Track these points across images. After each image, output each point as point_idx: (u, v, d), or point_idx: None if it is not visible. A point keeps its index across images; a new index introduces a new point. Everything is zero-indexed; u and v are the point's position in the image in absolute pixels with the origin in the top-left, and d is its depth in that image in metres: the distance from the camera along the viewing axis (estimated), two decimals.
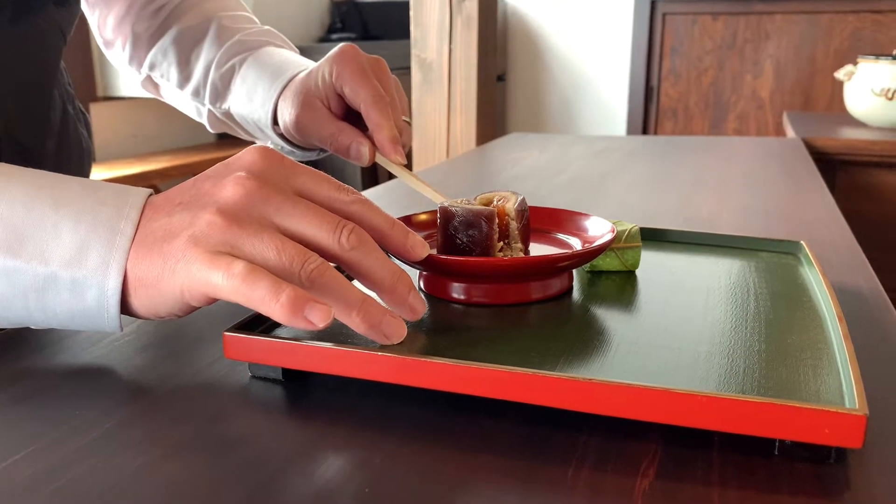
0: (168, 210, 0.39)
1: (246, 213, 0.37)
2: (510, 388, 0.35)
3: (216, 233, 0.37)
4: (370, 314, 0.38)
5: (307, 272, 0.36)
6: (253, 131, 0.70)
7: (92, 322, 0.40)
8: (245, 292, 0.35)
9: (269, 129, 0.66)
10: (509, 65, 3.51)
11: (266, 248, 0.36)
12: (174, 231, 0.37)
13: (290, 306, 0.34)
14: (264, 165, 0.39)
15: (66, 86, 0.69)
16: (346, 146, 0.58)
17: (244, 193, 0.37)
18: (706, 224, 0.79)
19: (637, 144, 1.48)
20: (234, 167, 0.39)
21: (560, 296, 0.48)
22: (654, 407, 0.33)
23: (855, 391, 0.33)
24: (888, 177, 1.65)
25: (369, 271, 0.39)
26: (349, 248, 0.38)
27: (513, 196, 0.50)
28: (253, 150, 0.40)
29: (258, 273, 0.35)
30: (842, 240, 0.73)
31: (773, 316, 0.44)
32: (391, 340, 0.39)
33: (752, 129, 3.09)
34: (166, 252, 0.37)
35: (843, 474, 0.32)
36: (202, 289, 0.36)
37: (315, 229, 0.38)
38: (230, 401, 0.39)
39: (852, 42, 2.87)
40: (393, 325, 0.39)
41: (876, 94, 1.75)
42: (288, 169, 0.40)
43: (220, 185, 0.38)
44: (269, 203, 0.38)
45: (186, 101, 0.73)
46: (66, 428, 0.36)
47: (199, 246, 0.36)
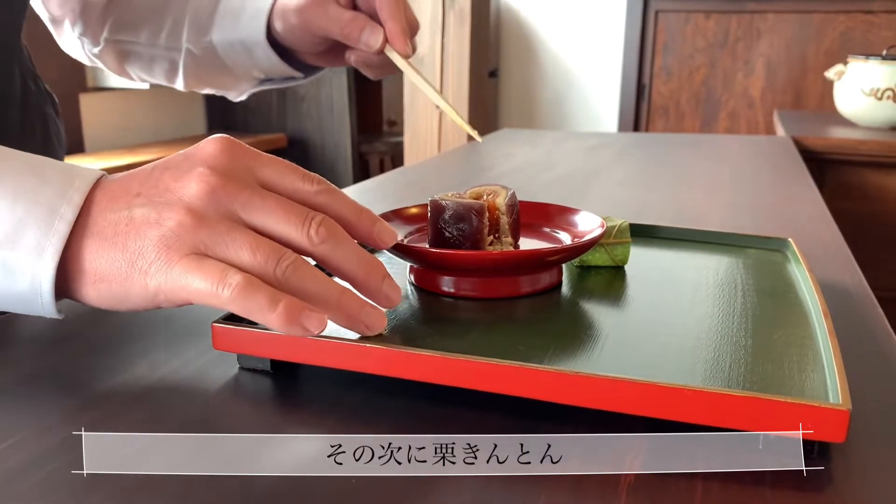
0: (127, 201, 0.37)
1: (213, 210, 0.36)
2: (496, 381, 0.35)
3: (187, 234, 0.36)
4: (349, 307, 0.38)
5: (282, 270, 0.36)
6: (238, 59, 0.67)
7: (26, 306, 0.39)
8: (242, 303, 0.35)
9: (259, 47, 0.64)
10: (502, 60, 3.51)
11: (240, 247, 0.36)
12: (139, 228, 0.37)
13: (287, 315, 0.35)
14: (226, 158, 0.38)
15: (26, 62, 0.67)
16: (357, 32, 0.57)
17: (209, 190, 0.36)
18: (695, 221, 0.79)
19: (628, 141, 1.48)
20: (194, 160, 0.38)
21: (549, 290, 0.48)
22: (640, 400, 0.33)
23: (839, 386, 0.33)
24: (876, 176, 1.66)
25: (341, 264, 0.38)
26: (319, 241, 0.37)
27: (503, 190, 0.50)
28: (213, 140, 0.39)
29: (255, 285, 0.35)
30: (829, 237, 0.73)
31: (759, 312, 0.45)
32: (372, 331, 0.38)
33: (743, 128, 3.10)
34: (133, 250, 0.36)
35: (825, 469, 0.32)
36: (185, 295, 0.36)
37: (284, 224, 0.37)
38: (218, 392, 0.39)
39: (843, 42, 2.88)
40: (372, 315, 0.38)
41: (865, 94, 1.76)
42: (250, 160, 0.39)
43: (184, 181, 0.37)
44: (236, 200, 0.37)
45: (158, 55, 0.70)
46: (52, 418, 0.36)
47: (173, 249, 0.36)
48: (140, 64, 0.72)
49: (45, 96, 0.70)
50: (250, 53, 0.66)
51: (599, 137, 1.53)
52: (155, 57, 0.71)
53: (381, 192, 1.01)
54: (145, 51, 0.70)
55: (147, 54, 0.71)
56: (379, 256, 0.55)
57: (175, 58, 0.70)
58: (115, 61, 0.72)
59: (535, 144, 1.42)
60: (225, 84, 0.72)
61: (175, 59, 0.70)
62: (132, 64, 0.73)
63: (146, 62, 0.72)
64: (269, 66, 0.66)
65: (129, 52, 0.71)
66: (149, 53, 0.71)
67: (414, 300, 0.47)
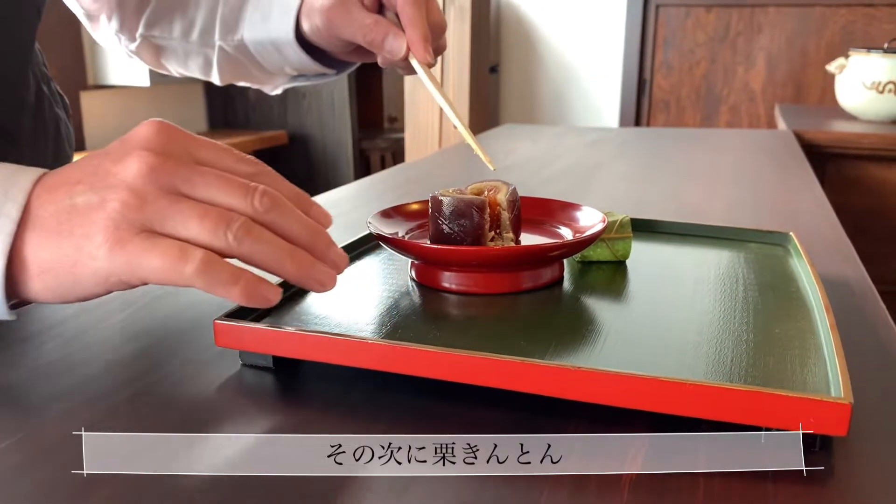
0: (67, 190, 0.37)
1: (155, 188, 0.36)
2: (499, 376, 0.35)
3: (133, 213, 0.36)
4: (301, 263, 0.38)
5: (234, 231, 0.36)
6: (269, 57, 0.68)
7: None
8: (205, 279, 0.35)
9: (290, 46, 0.64)
10: (502, 56, 3.51)
11: (187, 218, 0.36)
12: (83, 213, 0.36)
13: (249, 288, 0.36)
14: (163, 139, 0.38)
15: (40, 66, 0.68)
16: (381, 39, 0.57)
17: (149, 169, 0.36)
18: (696, 215, 0.79)
19: (629, 136, 1.48)
20: (131, 143, 0.38)
21: (550, 285, 0.48)
22: (642, 395, 0.33)
23: (840, 380, 0.33)
24: (877, 170, 1.65)
25: (287, 231, 0.39)
26: (263, 210, 0.38)
27: (504, 186, 0.50)
28: (149, 123, 0.39)
29: (216, 260, 0.36)
30: (830, 231, 0.73)
31: (761, 306, 0.45)
32: (325, 287, 0.39)
33: (744, 122, 3.10)
34: (80, 235, 0.36)
35: (827, 462, 0.32)
36: (141, 275, 0.36)
37: (227, 196, 0.37)
38: (220, 389, 0.39)
39: (844, 35, 2.88)
40: (324, 271, 0.39)
41: (867, 88, 1.75)
42: (187, 141, 0.39)
43: (123, 164, 0.37)
44: (177, 175, 0.37)
45: (193, 51, 0.70)
46: (54, 415, 0.36)
47: (121, 230, 0.36)
48: (176, 59, 0.73)
49: (57, 98, 0.70)
50: (280, 52, 0.66)
51: (600, 132, 1.53)
52: (189, 53, 0.71)
53: (381, 188, 1.01)
54: (180, 47, 0.71)
55: (182, 50, 0.71)
56: (382, 254, 0.55)
57: (209, 54, 0.70)
58: (151, 56, 0.73)
59: (536, 140, 1.42)
60: (259, 79, 0.73)
61: (209, 56, 0.71)
62: (168, 59, 0.73)
63: (181, 58, 0.72)
64: (300, 63, 0.67)
65: (165, 47, 0.72)
66: (183, 49, 0.71)
67: (415, 296, 0.47)
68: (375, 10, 0.59)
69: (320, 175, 3.31)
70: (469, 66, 2.18)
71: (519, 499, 0.30)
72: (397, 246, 0.48)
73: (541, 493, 0.30)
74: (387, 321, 0.43)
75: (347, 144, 3.28)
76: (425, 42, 0.56)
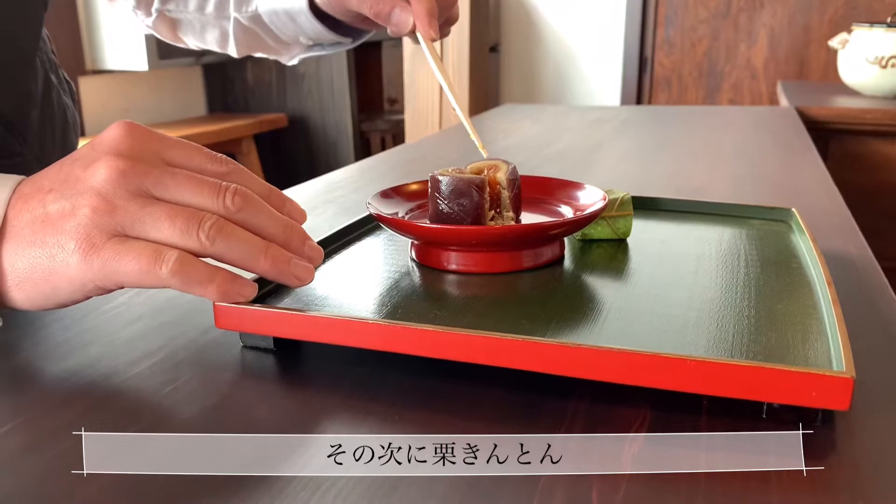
0: (40, 199, 0.37)
1: (125, 192, 0.36)
2: (500, 355, 0.35)
3: (103, 218, 0.36)
4: (277, 258, 0.38)
5: (206, 231, 0.36)
6: (284, 27, 0.68)
7: None
8: (182, 279, 0.36)
9: (303, 15, 0.64)
10: (503, 35, 3.48)
11: (157, 220, 0.36)
12: (55, 222, 0.36)
13: (224, 286, 0.37)
14: (132, 142, 0.38)
15: (48, 53, 0.68)
16: (387, 11, 0.57)
17: (118, 174, 0.36)
18: (698, 192, 0.79)
19: (630, 114, 1.47)
20: (100, 148, 0.38)
21: (551, 264, 0.48)
22: (643, 371, 0.33)
23: (843, 354, 0.33)
24: (880, 145, 1.65)
25: (260, 229, 0.39)
26: (235, 210, 0.38)
27: (504, 165, 0.50)
28: (117, 126, 0.39)
29: (191, 259, 0.36)
30: (833, 207, 0.73)
31: (763, 282, 0.44)
32: (302, 282, 0.39)
33: (746, 99, 3.08)
34: (52, 244, 0.36)
35: (829, 436, 0.32)
36: (117, 279, 0.36)
37: (198, 197, 0.37)
38: (221, 371, 0.39)
39: (847, 10, 2.85)
40: (301, 266, 0.39)
41: (870, 63, 1.74)
42: (157, 143, 0.39)
43: (92, 169, 0.37)
44: (147, 178, 0.37)
45: (209, 23, 0.71)
46: (56, 399, 0.36)
47: (93, 236, 0.36)
48: (193, 33, 0.73)
49: (65, 86, 0.70)
50: (295, 21, 0.66)
51: (601, 111, 1.52)
52: (206, 25, 0.72)
53: (382, 169, 1.01)
54: (196, 20, 0.71)
55: (198, 23, 0.72)
56: (382, 235, 0.55)
57: (225, 26, 0.71)
58: (168, 31, 0.73)
59: (537, 119, 1.41)
60: (275, 50, 0.73)
61: (225, 28, 0.71)
62: (185, 33, 0.73)
63: (198, 31, 0.73)
64: (315, 33, 0.67)
65: (181, 21, 0.72)
66: (199, 22, 0.71)
67: (416, 277, 0.47)
68: None
69: (320, 157, 3.30)
70: (468, 46, 2.16)
71: (516, 497, 0.29)
72: (397, 226, 0.48)
73: (539, 493, 0.30)
74: (387, 301, 0.43)
75: (347, 126, 3.26)
76: (430, 17, 0.56)
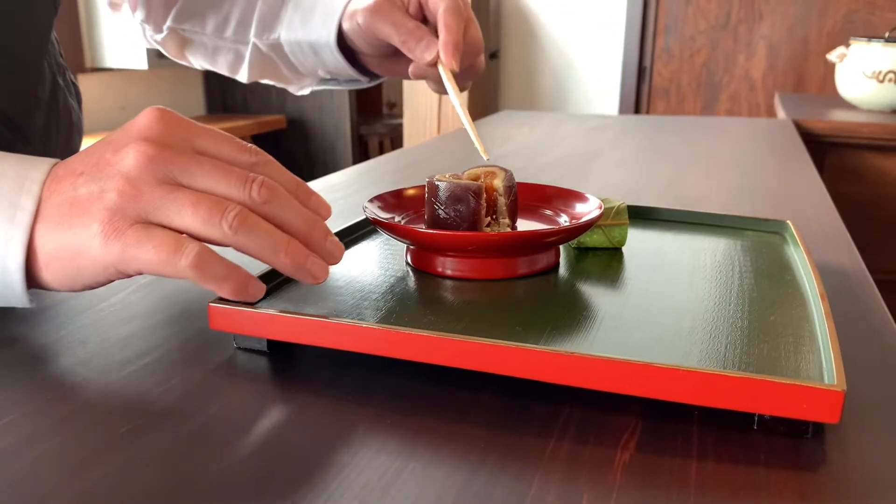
0: (72, 182, 0.38)
1: (152, 178, 0.37)
2: (492, 361, 0.35)
3: (128, 203, 0.36)
4: (296, 254, 0.39)
5: (229, 221, 0.36)
6: (304, 59, 0.68)
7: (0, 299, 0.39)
8: (199, 273, 0.36)
9: (328, 49, 0.64)
10: (502, 42, 3.49)
11: (180, 207, 0.36)
12: (83, 205, 0.37)
13: (239, 285, 0.38)
14: (163, 128, 0.38)
15: (56, 56, 0.68)
16: (415, 42, 0.58)
17: (147, 159, 0.37)
18: (694, 203, 0.79)
19: (628, 123, 1.48)
20: (132, 133, 0.38)
21: (546, 271, 0.48)
22: (635, 380, 0.33)
23: (834, 367, 0.33)
24: (876, 159, 1.65)
25: (284, 222, 0.39)
26: (261, 201, 0.38)
27: (501, 172, 0.50)
28: (149, 112, 0.39)
29: (211, 254, 0.36)
30: (828, 220, 0.73)
31: (756, 293, 0.45)
32: (317, 280, 0.40)
33: (744, 110, 3.09)
34: (78, 226, 0.37)
35: (819, 449, 0.32)
36: (137, 266, 0.36)
37: (224, 186, 0.38)
38: (215, 372, 0.39)
39: (845, 24, 2.87)
40: (318, 264, 0.40)
41: (867, 77, 1.75)
42: (187, 130, 0.39)
43: (122, 154, 0.37)
44: (174, 165, 0.37)
45: (224, 47, 0.70)
46: (49, 397, 0.36)
47: (117, 220, 0.36)
48: (203, 54, 0.73)
49: (71, 89, 0.70)
50: (317, 54, 0.66)
51: (599, 119, 1.52)
52: (220, 48, 0.71)
53: (379, 173, 1.01)
54: (210, 42, 0.71)
55: (211, 45, 0.71)
56: (378, 239, 0.55)
57: (241, 51, 0.70)
58: (176, 48, 0.73)
59: (535, 126, 1.41)
60: (288, 79, 0.73)
61: (241, 52, 0.70)
62: (195, 53, 0.73)
63: (210, 53, 0.72)
64: (335, 67, 0.67)
65: (193, 41, 0.72)
66: (213, 44, 0.71)
67: (411, 281, 0.47)
68: (419, 19, 0.60)
69: (318, 160, 3.30)
70: None
71: (510, 485, 0.30)
72: (393, 231, 0.48)
73: (533, 477, 0.30)
74: (382, 306, 0.43)
75: (346, 129, 3.27)
76: (455, 49, 0.56)
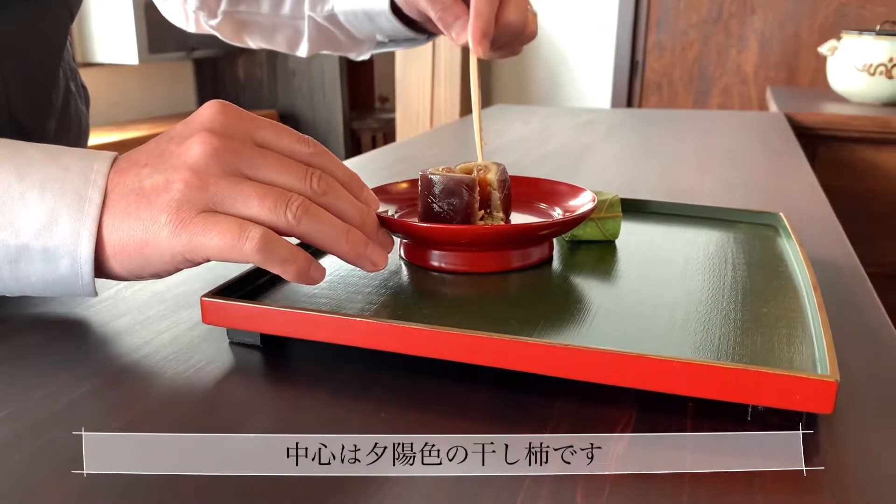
0: (136, 173, 0.39)
1: (217, 169, 0.38)
2: (486, 354, 0.35)
3: (195, 193, 0.37)
4: (357, 242, 0.40)
5: (293, 211, 0.38)
6: (360, 26, 0.68)
7: (66, 289, 0.40)
8: (264, 256, 0.37)
9: (383, 15, 0.64)
10: None
11: (247, 198, 0.38)
12: (149, 195, 0.38)
13: (302, 267, 0.38)
14: (225, 121, 0.40)
15: (70, 62, 0.67)
16: (450, 20, 0.57)
17: (212, 151, 0.38)
18: (687, 196, 0.79)
19: (621, 117, 1.48)
20: (194, 125, 0.40)
21: (540, 264, 0.48)
22: (629, 372, 0.33)
23: (827, 358, 0.33)
24: (867, 152, 1.66)
25: (340, 213, 0.40)
26: (321, 193, 0.40)
27: (494, 165, 0.50)
28: (211, 105, 0.40)
29: (274, 238, 0.37)
30: (820, 213, 0.73)
31: (749, 286, 0.45)
32: (377, 267, 0.41)
33: (736, 104, 3.09)
34: (146, 217, 0.38)
35: (813, 439, 0.32)
36: (204, 253, 0.37)
37: (286, 177, 0.39)
38: (208, 366, 0.39)
39: (837, 18, 2.87)
40: (378, 251, 0.41)
41: (859, 70, 1.75)
42: (248, 122, 0.41)
43: (186, 145, 0.38)
44: (238, 156, 0.39)
45: (281, 24, 0.70)
46: (43, 391, 0.36)
47: (184, 210, 0.37)
48: (261, 33, 0.73)
49: (81, 93, 0.70)
50: (372, 20, 0.67)
51: (592, 113, 1.52)
52: (278, 26, 0.72)
53: (372, 167, 1.01)
54: (267, 20, 0.71)
55: (269, 24, 0.72)
56: None
57: (300, 26, 0.71)
58: (233, 31, 0.73)
59: (528, 120, 1.41)
60: (348, 47, 0.73)
61: (300, 28, 0.71)
62: (252, 34, 0.73)
63: (268, 32, 0.73)
64: (392, 31, 0.67)
65: (250, 22, 0.72)
66: (271, 23, 0.72)
67: (404, 275, 0.47)
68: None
69: None
70: (461, 47, 2.15)
71: (501, 497, 0.29)
72: (387, 224, 0.48)
73: (522, 491, 0.30)
74: (375, 299, 0.43)
75: (338, 124, 3.26)
76: (483, 37, 0.56)
